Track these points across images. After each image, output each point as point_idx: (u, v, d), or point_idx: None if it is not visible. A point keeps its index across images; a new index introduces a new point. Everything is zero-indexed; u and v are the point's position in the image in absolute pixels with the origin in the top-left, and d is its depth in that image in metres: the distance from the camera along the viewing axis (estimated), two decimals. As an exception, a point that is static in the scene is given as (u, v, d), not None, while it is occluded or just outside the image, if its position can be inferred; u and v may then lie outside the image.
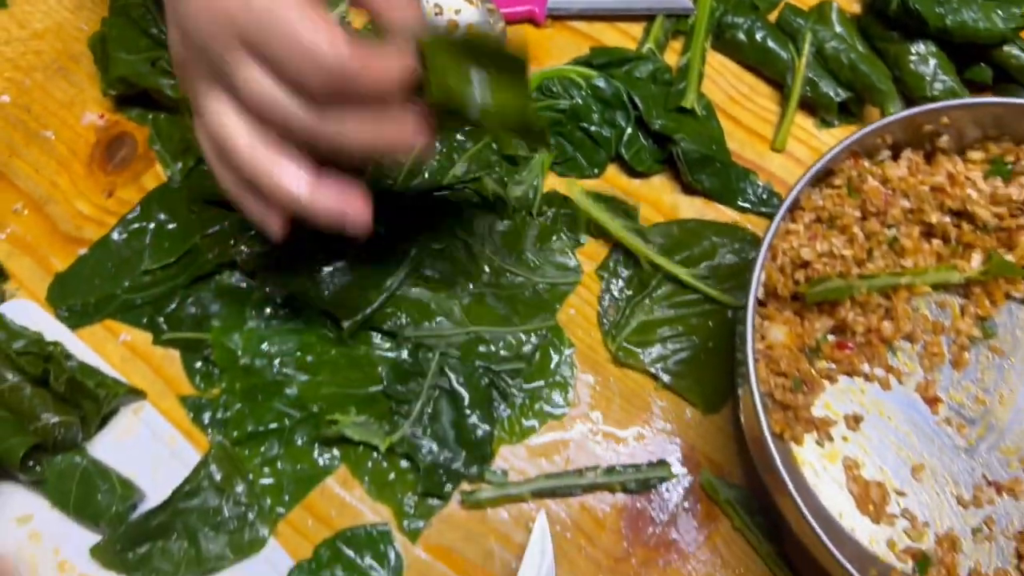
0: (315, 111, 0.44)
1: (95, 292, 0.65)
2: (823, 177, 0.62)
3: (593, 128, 0.69)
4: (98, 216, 0.67)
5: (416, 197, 0.66)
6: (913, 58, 0.69)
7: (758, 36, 0.71)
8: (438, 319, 0.63)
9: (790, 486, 0.53)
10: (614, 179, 0.70)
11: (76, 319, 0.64)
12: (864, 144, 0.61)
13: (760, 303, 0.62)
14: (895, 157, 0.64)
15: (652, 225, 0.68)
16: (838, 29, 0.71)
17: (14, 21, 0.73)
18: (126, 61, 0.68)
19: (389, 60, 0.44)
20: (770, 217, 0.68)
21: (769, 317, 0.62)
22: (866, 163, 0.63)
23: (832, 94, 0.70)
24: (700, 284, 0.65)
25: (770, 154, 0.71)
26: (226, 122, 0.46)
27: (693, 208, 0.69)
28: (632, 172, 0.70)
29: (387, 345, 0.63)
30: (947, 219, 0.64)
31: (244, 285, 0.64)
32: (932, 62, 0.69)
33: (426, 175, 0.67)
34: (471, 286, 0.64)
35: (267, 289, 0.63)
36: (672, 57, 0.74)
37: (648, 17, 0.74)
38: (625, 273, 0.67)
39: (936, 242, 0.65)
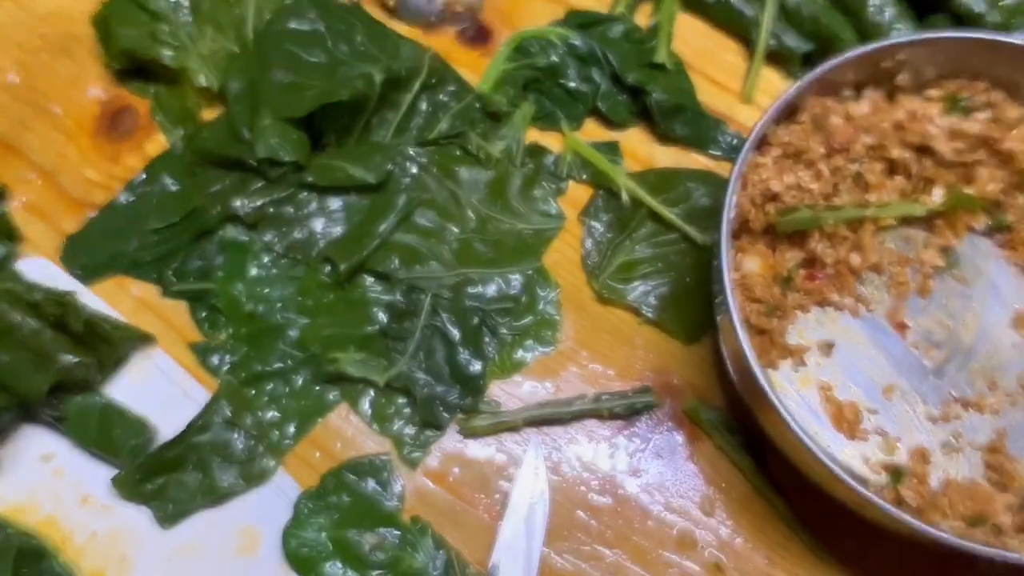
0: None
1: (106, 251, 0.68)
2: (789, 115, 0.66)
3: (571, 84, 0.73)
4: (105, 182, 0.71)
5: (405, 153, 0.70)
6: (871, 8, 0.73)
7: (724, -5, 0.76)
8: (429, 263, 0.66)
9: (772, 397, 0.56)
10: (592, 132, 0.74)
11: (89, 275, 0.68)
12: (826, 82, 0.65)
13: (734, 236, 0.65)
14: (857, 96, 0.68)
15: (630, 173, 0.71)
16: (798, -16, 0.75)
17: (18, 6, 0.77)
18: (128, 35, 0.72)
19: None
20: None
21: (742, 250, 0.65)
22: (829, 101, 0.67)
23: (795, 46, 0.74)
24: (679, 221, 0.69)
25: (739, 105, 0.75)
26: None
27: (668, 157, 0.73)
28: (609, 125, 0.74)
29: (380, 288, 0.66)
30: (908, 155, 0.68)
31: (246, 238, 0.68)
32: (889, 11, 0.73)
33: (413, 132, 0.71)
34: (458, 231, 0.68)
35: (266, 239, 0.67)
36: (643, 20, 0.78)
37: (620, -18, 0.78)
38: (606, 217, 0.70)
39: (899, 178, 0.68)
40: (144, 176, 0.71)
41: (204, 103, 0.73)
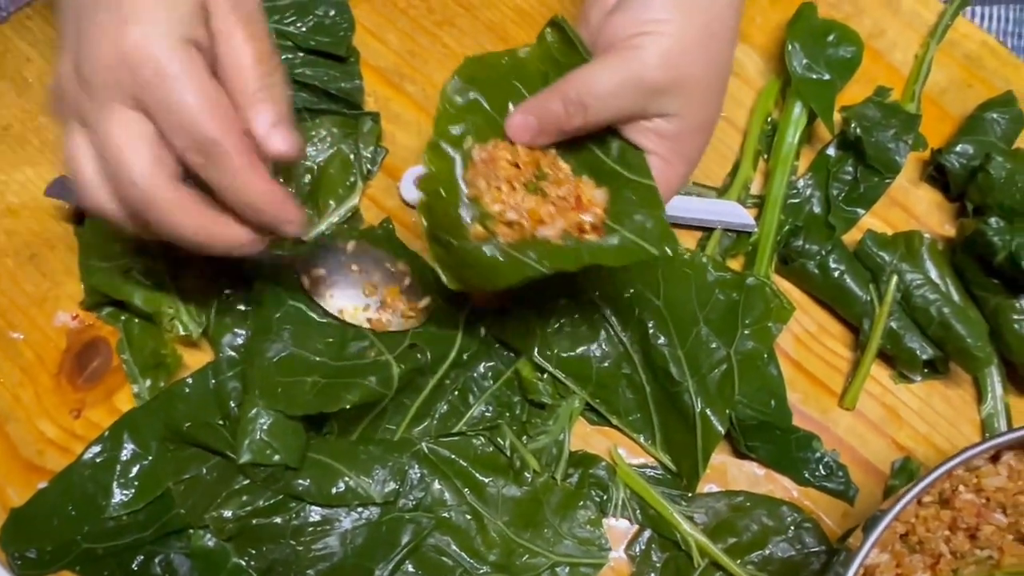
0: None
1: (53, 537, 0.56)
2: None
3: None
4: (63, 440, 0.59)
5: (420, 455, 0.57)
6: (1017, 317, 0.59)
7: (833, 272, 0.61)
8: (437, 615, 0.54)
9: None
10: (653, 435, 0.60)
11: (30, 567, 0.56)
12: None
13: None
14: (994, 459, 0.54)
15: (696, 496, 0.58)
16: (930, 271, 0.60)
17: (-12, 190, 0.64)
18: (99, 269, 0.60)
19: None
20: (834, 494, 0.59)
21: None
22: (960, 471, 0.53)
23: (917, 350, 0.60)
24: (750, 581, 0.56)
25: (836, 411, 0.61)
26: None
27: (743, 475, 0.60)
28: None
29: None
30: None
31: (219, 547, 0.56)
32: (1038, 326, 0.59)
33: (435, 419, 0.59)
34: (476, 567, 0.55)
35: (245, 559, 0.55)
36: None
37: (705, 229, 0.64)
38: (660, 557, 0.57)
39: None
40: (107, 440, 0.58)
41: (182, 347, 0.61)
